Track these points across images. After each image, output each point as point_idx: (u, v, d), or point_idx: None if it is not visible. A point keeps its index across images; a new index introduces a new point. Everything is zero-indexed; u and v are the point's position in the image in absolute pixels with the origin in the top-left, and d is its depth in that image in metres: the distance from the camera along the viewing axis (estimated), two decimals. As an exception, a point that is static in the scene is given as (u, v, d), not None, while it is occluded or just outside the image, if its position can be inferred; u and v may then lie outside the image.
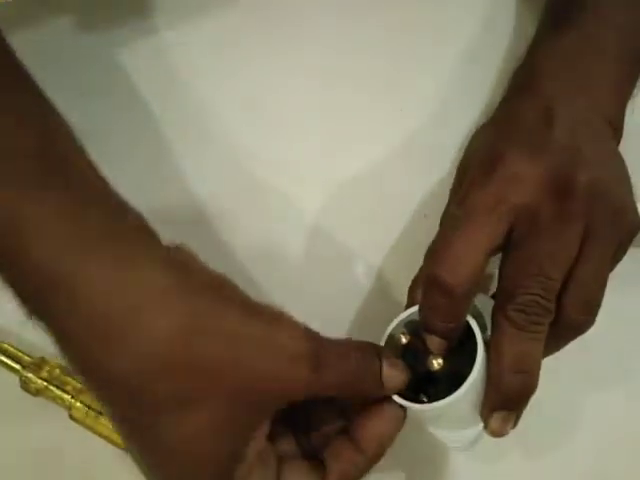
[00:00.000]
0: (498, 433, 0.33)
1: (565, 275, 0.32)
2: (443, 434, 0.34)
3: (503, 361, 0.32)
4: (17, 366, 0.38)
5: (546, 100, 0.36)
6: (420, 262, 0.36)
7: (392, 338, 0.34)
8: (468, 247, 0.32)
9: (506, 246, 0.33)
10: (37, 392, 0.38)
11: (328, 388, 0.29)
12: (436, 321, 0.32)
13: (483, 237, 0.32)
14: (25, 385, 0.38)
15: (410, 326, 0.34)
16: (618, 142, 0.37)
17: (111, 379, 0.26)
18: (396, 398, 0.32)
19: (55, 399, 0.38)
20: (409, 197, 0.42)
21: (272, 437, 0.30)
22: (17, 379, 0.38)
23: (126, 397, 0.27)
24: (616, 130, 0.37)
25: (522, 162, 0.33)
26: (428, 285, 0.32)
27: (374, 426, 0.31)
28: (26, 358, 0.39)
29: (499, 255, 0.33)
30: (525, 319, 0.32)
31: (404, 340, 0.33)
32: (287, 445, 0.32)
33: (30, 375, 0.38)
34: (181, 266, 0.27)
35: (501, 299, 0.32)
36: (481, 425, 0.33)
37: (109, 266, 0.26)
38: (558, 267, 0.32)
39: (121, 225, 0.27)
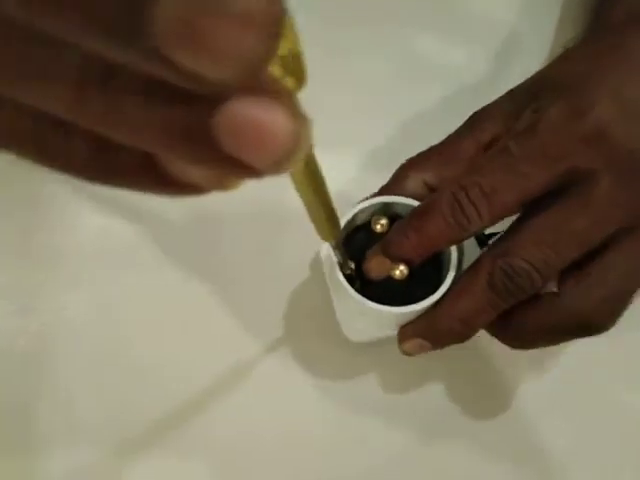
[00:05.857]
0: (408, 354, 0.32)
1: (583, 259, 0.29)
2: (349, 324, 0.33)
3: (456, 306, 0.30)
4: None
5: None
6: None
7: (364, 221, 0.32)
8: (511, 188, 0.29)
9: (539, 199, 0.29)
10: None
11: None
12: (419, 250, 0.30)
13: (529, 183, 0.28)
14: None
15: (387, 213, 0.32)
16: None
17: None
18: (341, 278, 0.31)
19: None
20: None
21: None
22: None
23: None
24: None
25: (610, 124, 0.28)
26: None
27: None
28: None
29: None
30: (504, 284, 0.29)
31: (379, 228, 0.32)
32: None
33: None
34: None
35: (498, 249, 0.29)
36: (389, 333, 0.33)
37: None
38: (576, 248, 0.29)
39: None
